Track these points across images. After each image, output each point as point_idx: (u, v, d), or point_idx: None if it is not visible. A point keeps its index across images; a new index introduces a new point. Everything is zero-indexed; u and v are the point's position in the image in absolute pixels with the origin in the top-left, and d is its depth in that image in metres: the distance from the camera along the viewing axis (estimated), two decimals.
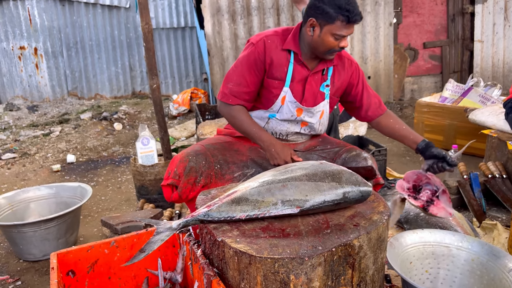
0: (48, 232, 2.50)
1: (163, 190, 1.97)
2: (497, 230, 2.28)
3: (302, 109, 2.00)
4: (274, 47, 1.94)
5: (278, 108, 2.00)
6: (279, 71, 1.95)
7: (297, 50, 1.94)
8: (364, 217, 1.53)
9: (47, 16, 6.47)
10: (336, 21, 1.80)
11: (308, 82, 1.98)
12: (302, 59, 1.95)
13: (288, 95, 1.97)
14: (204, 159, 1.94)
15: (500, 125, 3.06)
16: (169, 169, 1.93)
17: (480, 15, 5.94)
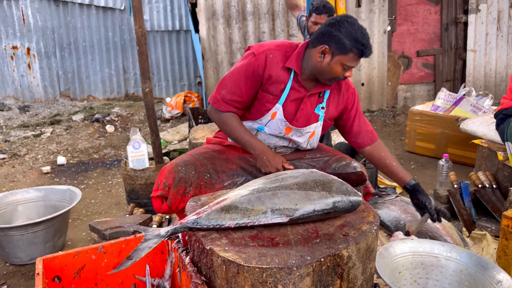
0: (36, 236, 2.46)
1: (152, 202, 1.94)
2: (486, 241, 2.29)
3: (291, 128, 1.99)
4: (275, 63, 1.92)
5: (267, 121, 1.99)
6: (276, 87, 1.93)
7: (298, 70, 1.92)
8: (353, 227, 1.53)
9: (41, 16, 6.43)
10: (349, 53, 1.79)
11: (304, 102, 1.96)
12: (301, 80, 1.93)
13: (279, 112, 1.95)
14: (194, 169, 1.92)
15: (490, 135, 3.08)
16: (158, 180, 1.91)
17: (473, 25, 6.00)
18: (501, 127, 2.86)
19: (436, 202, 3.00)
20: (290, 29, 5.61)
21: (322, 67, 1.85)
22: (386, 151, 2.09)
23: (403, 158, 4.26)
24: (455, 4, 6.07)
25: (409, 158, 4.24)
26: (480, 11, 5.98)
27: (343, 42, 1.78)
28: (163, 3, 6.56)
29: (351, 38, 1.78)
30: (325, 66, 1.85)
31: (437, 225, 2.43)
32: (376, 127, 5.39)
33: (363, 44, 1.78)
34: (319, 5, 3.49)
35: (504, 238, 2.01)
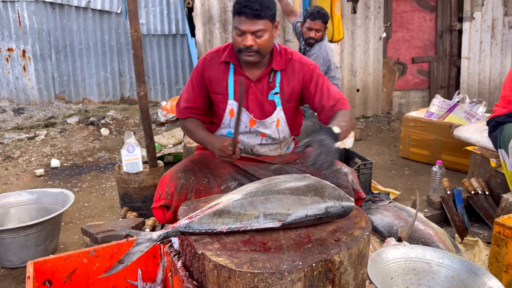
0: (27, 239, 2.45)
1: (154, 213, 1.92)
2: (478, 247, 2.30)
3: (254, 120, 1.99)
4: (213, 63, 1.98)
5: (228, 121, 2.02)
6: (219, 85, 1.98)
7: (234, 60, 1.94)
8: (345, 232, 1.53)
9: (37, 19, 6.42)
10: (235, 14, 1.82)
11: (251, 92, 1.96)
12: (242, 70, 1.95)
13: (235, 106, 1.96)
14: (193, 174, 1.93)
15: (483, 142, 3.10)
16: (159, 190, 1.90)
17: (467, 33, 6.05)
18: (494, 135, 2.88)
19: (429, 208, 3.01)
20: (286, 34, 5.63)
21: (233, 41, 1.90)
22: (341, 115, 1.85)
23: (397, 164, 4.28)
24: (450, 11, 6.13)
25: (403, 164, 4.25)
26: (474, 19, 6.03)
27: (234, 5, 1.84)
28: (160, 7, 6.57)
29: (235, 3, 1.83)
30: (232, 39, 1.89)
31: (429, 231, 2.44)
32: (371, 133, 5.41)
33: (240, 2, 1.79)
34: (313, 11, 3.51)
35: (496, 245, 2.02)
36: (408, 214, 2.64)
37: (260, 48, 1.84)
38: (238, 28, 1.82)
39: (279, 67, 1.95)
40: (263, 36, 1.83)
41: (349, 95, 5.96)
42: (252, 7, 1.77)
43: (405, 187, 3.68)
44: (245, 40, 1.81)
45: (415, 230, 2.45)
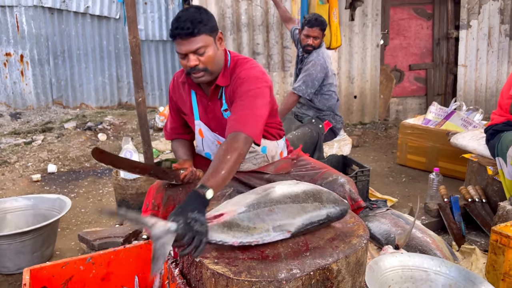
0: (23, 245, 2.43)
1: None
2: (475, 255, 2.30)
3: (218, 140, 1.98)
4: (177, 85, 2.00)
5: (201, 143, 2.03)
6: (185, 106, 1.99)
7: (190, 81, 1.89)
8: (343, 240, 1.53)
9: (35, 24, 6.42)
10: (173, 40, 1.76)
11: (209, 111, 1.93)
12: (196, 89, 1.92)
13: (202, 126, 1.96)
14: (181, 185, 1.92)
15: (480, 150, 3.11)
16: (146, 201, 1.91)
17: (464, 41, 6.09)
18: (491, 143, 2.89)
19: (426, 215, 3.01)
20: (284, 41, 5.65)
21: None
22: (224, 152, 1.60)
23: (394, 171, 4.29)
24: (447, 19, 6.17)
25: (400, 171, 4.26)
26: (471, 27, 6.07)
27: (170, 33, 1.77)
28: (158, 13, 6.58)
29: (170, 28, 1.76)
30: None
31: (427, 239, 2.44)
32: (368, 140, 5.42)
33: (172, 25, 1.72)
34: (311, 18, 3.53)
35: (493, 253, 2.02)
36: (406, 222, 2.64)
37: (206, 66, 1.77)
38: (178, 52, 1.76)
39: (223, 83, 1.86)
40: (205, 52, 1.75)
41: (347, 101, 5.98)
42: (183, 26, 1.70)
43: (402, 194, 3.68)
44: (189, 61, 1.75)
45: (412, 238, 2.44)
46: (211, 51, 1.77)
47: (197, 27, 1.71)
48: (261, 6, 5.53)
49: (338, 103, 3.71)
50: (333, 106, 3.65)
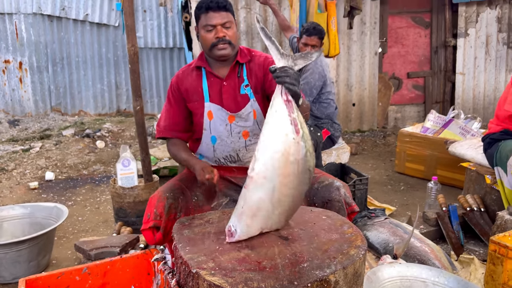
0: (19, 254, 2.42)
1: (143, 235, 1.88)
2: (474, 265, 2.29)
3: (232, 116, 2.03)
4: (186, 74, 2.08)
5: (208, 125, 2.05)
6: (196, 93, 2.06)
7: (204, 63, 2.05)
8: (341, 251, 1.52)
9: (35, 31, 6.44)
10: (201, 16, 1.94)
11: (224, 91, 2.03)
12: (211, 70, 2.03)
13: (212, 107, 2.03)
14: (181, 193, 1.92)
15: (478, 159, 3.11)
16: (148, 212, 1.88)
17: (462, 49, 6.12)
18: (489, 152, 2.89)
19: (425, 224, 3.00)
20: (283, 49, 5.66)
21: (201, 43, 2.00)
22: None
23: (393, 179, 4.28)
24: (445, 28, 6.20)
25: (399, 179, 4.26)
26: (469, 35, 6.10)
27: (195, 12, 1.99)
28: (157, 20, 6.61)
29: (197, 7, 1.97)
30: (201, 41, 1.99)
31: (425, 248, 2.43)
32: (367, 147, 5.42)
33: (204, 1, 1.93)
34: (310, 27, 3.55)
35: (492, 263, 2.01)
36: (404, 231, 2.63)
37: (231, 39, 1.94)
38: (208, 24, 1.91)
39: (243, 60, 2.04)
40: (231, 28, 1.95)
41: (345, 109, 5.99)
42: (217, 1, 1.91)
43: (400, 203, 3.68)
44: (217, 32, 1.91)
45: (411, 247, 2.44)
46: (235, 29, 1.98)
47: (228, 4, 1.94)
48: (259, 14, 5.56)
49: (336, 111, 3.71)
50: (331, 114, 3.65)
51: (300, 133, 1.46)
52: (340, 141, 3.93)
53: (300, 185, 1.52)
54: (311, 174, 1.54)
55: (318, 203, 2.00)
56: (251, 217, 1.55)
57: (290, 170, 1.48)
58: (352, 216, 2.05)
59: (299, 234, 1.65)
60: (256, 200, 1.52)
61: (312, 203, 2.01)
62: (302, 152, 1.47)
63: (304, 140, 1.47)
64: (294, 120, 1.47)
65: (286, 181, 1.49)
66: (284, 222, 1.63)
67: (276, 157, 1.46)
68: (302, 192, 1.56)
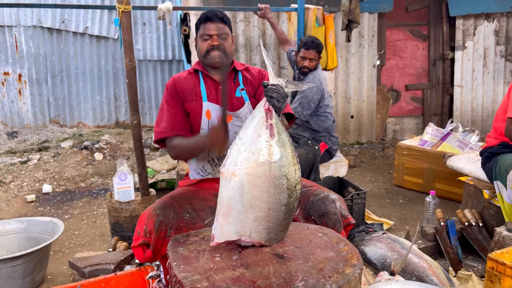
0: (14, 270, 2.40)
1: (133, 252, 1.87)
2: (472, 282, 2.27)
3: (230, 115, 2.09)
4: (182, 78, 2.16)
5: (207, 125, 2.08)
6: (193, 93, 2.12)
7: (201, 68, 2.15)
8: (336, 270, 1.51)
9: (34, 44, 6.47)
10: (199, 26, 2.09)
11: (220, 93, 2.11)
12: (209, 74, 2.13)
13: (211, 107, 2.09)
14: (172, 211, 1.90)
15: (476, 173, 3.10)
16: (138, 229, 1.86)
17: (460, 61, 6.15)
18: (488, 166, 2.88)
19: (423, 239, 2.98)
20: (281, 61, 5.70)
21: (197, 52, 2.12)
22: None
23: (391, 192, 4.27)
24: (442, 41, 6.24)
25: (397, 192, 4.25)
26: (466, 48, 6.14)
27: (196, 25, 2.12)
28: (156, 33, 6.65)
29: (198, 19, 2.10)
30: (197, 49, 2.11)
31: (423, 264, 2.41)
32: (365, 160, 5.42)
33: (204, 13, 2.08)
34: (308, 41, 3.57)
35: (489, 281, 1.99)
36: (402, 246, 2.62)
37: (225, 49, 2.06)
38: (205, 33, 2.05)
39: (240, 68, 2.18)
40: (227, 39, 2.08)
41: (343, 121, 5.99)
42: (216, 13, 2.06)
43: (399, 217, 3.66)
44: (212, 41, 2.04)
45: (409, 263, 2.42)
46: (230, 41, 2.11)
47: (225, 18, 2.09)
48: (258, 27, 5.59)
49: (334, 125, 3.71)
50: (329, 128, 3.65)
51: (275, 138, 1.51)
52: (338, 154, 3.93)
53: (274, 189, 1.51)
54: (290, 182, 1.53)
55: (314, 216, 1.99)
56: (223, 217, 1.55)
57: (261, 170, 1.50)
58: (348, 228, 2.04)
59: (294, 252, 1.63)
60: (226, 196, 1.54)
61: (308, 216, 2.01)
62: (275, 156, 1.49)
63: (280, 145, 1.50)
64: (271, 125, 1.52)
65: (256, 182, 1.50)
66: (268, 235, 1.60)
67: (245, 155, 1.50)
68: (280, 201, 1.53)
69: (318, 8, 4.27)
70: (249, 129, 1.55)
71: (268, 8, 4.06)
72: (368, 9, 5.73)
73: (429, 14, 6.20)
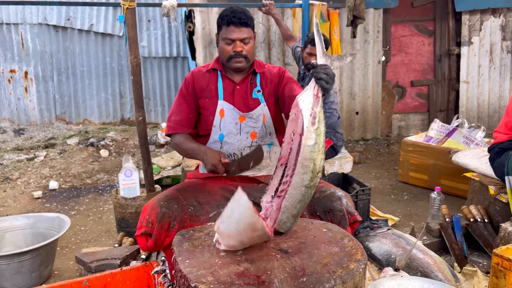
0: (22, 265, 2.42)
1: (137, 241, 1.91)
2: (477, 277, 2.27)
3: (243, 116, 2.12)
4: (201, 74, 2.18)
5: (219, 122, 2.12)
6: (210, 90, 2.15)
7: (220, 67, 2.17)
8: (341, 265, 1.51)
9: (40, 41, 6.50)
10: (222, 27, 2.07)
11: (236, 93, 2.14)
12: (226, 74, 2.15)
13: (225, 106, 2.12)
14: (176, 203, 1.92)
15: (482, 169, 3.08)
16: (141, 218, 1.89)
17: (466, 57, 6.10)
18: (498, 161, 2.85)
19: (428, 235, 2.98)
20: (285, 58, 5.69)
21: (219, 52, 2.11)
22: None
23: (396, 189, 4.26)
24: (448, 36, 6.20)
25: (402, 189, 4.24)
26: (472, 43, 6.09)
27: (217, 22, 2.10)
28: (161, 30, 6.66)
29: (220, 16, 2.08)
30: (219, 50, 2.11)
31: (428, 260, 2.41)
32: (371, 156, 5.40)
33: (227, 15, 2.04)
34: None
35: (494, 276, 1.99)
36: (407, 242, 2.62)
37: (247, 54, 2.07)
38: (228, 38, 2.04)
39: (259, 70, 2.19)
40: (249, 43, 2.07)
41: (348, 117, 5.98)
42: (240, 17, 2.02)
43: (404, 213, 3.65)
44: (235, 47, 2.04)
45: (413, 259, 2.42)
46: (252, 44, 2.10)
47: (249, 20, 2.06)
48: (262, 24, 5.58)
49: (339, 121, 3.70)
50: (334, 124, 3.64)
51: (315, 126, 1.58)
52: (343, 150, 3.92)
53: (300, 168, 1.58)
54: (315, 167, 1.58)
55: (320, 212, 2.00)
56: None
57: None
58: (355, 225, 2.05)
59: (299, 247, 1.64)
60: None
61: (314, 213, 2.01)
62: (310, 142, 1.58)
63: (316, 134, 1.58)
64: (314, 113, 1.59)
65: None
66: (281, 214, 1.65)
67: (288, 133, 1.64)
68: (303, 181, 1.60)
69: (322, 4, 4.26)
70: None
71: (272, 4, 4.06)
72: (373, 5, 5.70)
73: (435, 10, 6.16)
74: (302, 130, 1.57)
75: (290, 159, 1.61)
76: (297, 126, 1.60)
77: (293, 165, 1.59)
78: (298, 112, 1.61)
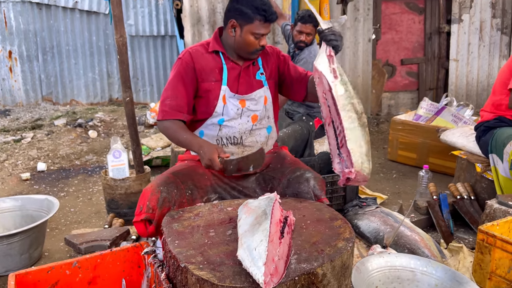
0: (11, 247, 2.41)
1: (135, 227, 1.87)
2: (463, 253, 2.31)
3: (244, 99, 2.08)
4: (200, 54, 2.07)
5: (221, 109, 2.06)
6: (212, 73, 2.07)
7: (223, 50, 2.09)
8: (329, 243, 1.53)
9: (23, 20, 6.34)
10: (254, 21, 1.96)
11: (242, 76, 2.10)
12: (230, 57, 2.09)
13: (227, 92, 2.06)
14: (175, 187, 1.90)
15: (469, 147, 3.12)
16: (140, 204, 1.86)
17: (456, 35, 6.09)
18: (483, 139, 2.89)
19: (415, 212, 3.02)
20: (275, 36, 5.62)
21: (237, 41, 2.02)
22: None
23: (385, 167, 4.30)
24: (439, 14, 6.16)
25: (391, 167, 4.27)
26: (462, 21, 6.07)
27: (246, 12, 1.96)
28: (148, 8, 6.52)
29: (252, 7, 1.95)
30: (239, 40, 2.01)
31: (415, 237, 2.45)
32: None
33: (264, 10, 1.95)
34: (305, 14, 3.50)
35: (480, 252, 2.03)
36: (395, 220, 2.65)
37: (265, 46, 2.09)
38: (257, 32, 1.98)
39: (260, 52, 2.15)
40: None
41: None
42: (271, 12, 1.97)
43: (392, 191, 3.69)
44: (262, 41, 2.01)
45: (401, 236, 2.46)
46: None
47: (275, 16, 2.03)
48: None
49: None
50: None
51: (338, 78, 1.80)
52: None
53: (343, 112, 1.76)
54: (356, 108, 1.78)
55: (289, 195, 1.99)
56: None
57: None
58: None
59: None
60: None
61: (284, 195, 2.00)
62: (340, 92, 1.78)
63: (342, 83, 1.79)
64: (333, 70, 1.81)
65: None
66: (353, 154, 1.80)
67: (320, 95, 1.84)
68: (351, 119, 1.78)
69: None
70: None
71: None
72: None
73: None
74: (329, 86, 1.76)
75: (332, 113, 1.79)
76: (323, 86, 1.80)
77: (337, 115, 1.76)
78: (320, 74, 1.80)
